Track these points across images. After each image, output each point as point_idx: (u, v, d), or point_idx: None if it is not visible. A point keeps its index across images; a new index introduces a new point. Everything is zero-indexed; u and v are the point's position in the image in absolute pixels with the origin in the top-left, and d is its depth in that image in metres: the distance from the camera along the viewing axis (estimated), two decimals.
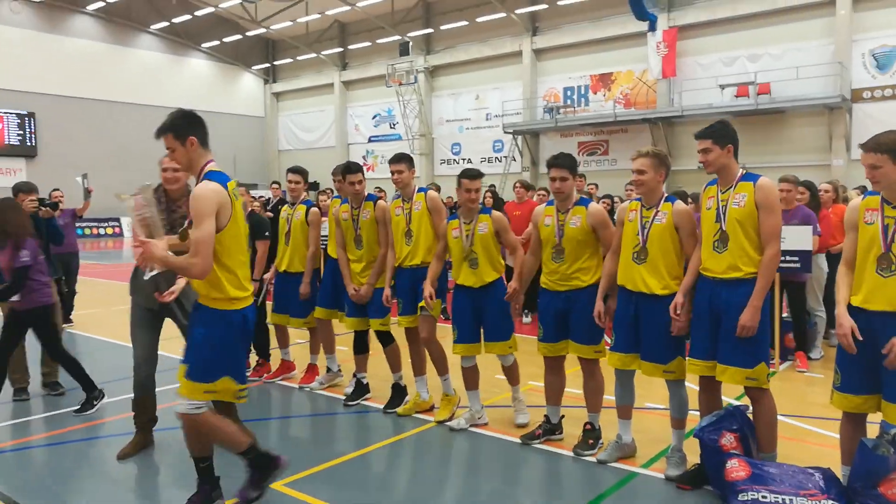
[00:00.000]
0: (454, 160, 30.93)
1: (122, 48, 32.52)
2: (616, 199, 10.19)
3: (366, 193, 5.43)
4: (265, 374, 6.35)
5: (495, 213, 4.93)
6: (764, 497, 3.34)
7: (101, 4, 30.77)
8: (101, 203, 30.39)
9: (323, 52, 34.00)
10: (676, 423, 4.12)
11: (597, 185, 11.58)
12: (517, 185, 9.15)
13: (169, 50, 34.17)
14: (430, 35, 30.93)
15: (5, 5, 28.61)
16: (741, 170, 3.84)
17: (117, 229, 31.24)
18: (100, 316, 10.02)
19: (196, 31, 34.01)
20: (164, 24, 32.81)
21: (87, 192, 8.69)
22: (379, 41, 31.87)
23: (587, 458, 4.34)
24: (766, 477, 3.44)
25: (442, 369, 5.15)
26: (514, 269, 4.84)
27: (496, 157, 29.34)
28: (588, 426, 4.50)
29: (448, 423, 5.01)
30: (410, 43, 29.90)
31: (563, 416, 4.75)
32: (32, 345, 5.52)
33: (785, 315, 6.80)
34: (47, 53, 29.56)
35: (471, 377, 5.02)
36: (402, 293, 5.17)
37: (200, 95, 34.78)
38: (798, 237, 6.24)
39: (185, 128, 3.36)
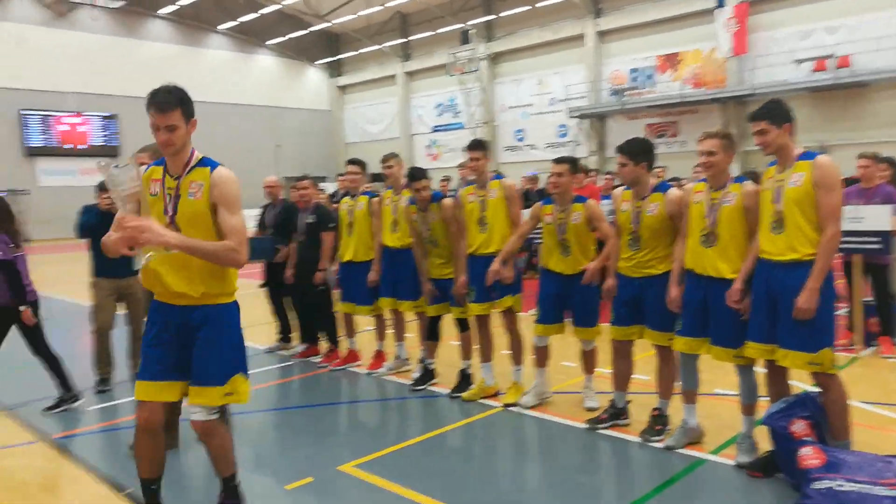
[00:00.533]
0: (518, 147, 30.74)
1: (194, 49, 33.68)
2: (684, 182, 9.91)
3: (430, 195, 5.48)
4: (335, 361, 6.51)
5: (590, 201, 4.94)
6: (840, 486, 3.24)
7: (174, 8, 31.93)
8: None
9: (385, 44, 34.30)
10: (746, 408, 4.02)
11: (665, 168, 11.31)
12: None
13: (237, 48, 35.17)
14: (491, 22, 30.74)
15: (85, 13, 30.04)
16: (801, 148, 3.70)
17: None
18: None
19: (262, 29, 34.85)
20: (232, 23, 33.78)
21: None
22: (440, 31, 31.91)
23: (654, 444, 4.30)
24: (842, 465, 3.33)
25: (518, 358, 5.24)
26: (604, 257, 4.77)
27: (561, 143, 28.99)
28: (656, 412, 4.45)
29: (519, 401, 5.09)
30: (471, 31, 29.83)
31: (628, 402, 4.72)
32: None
33: (869, 299, 6.50)
34: (126, 57, 30.90)
35: (542, 356, 5.13)
36: (475, 281, 5.18)
37: (268, 91, 35.74)
38: (878, 217, 5.95)
39: (192, 108, 3.06)
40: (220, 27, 34.17)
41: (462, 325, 5.50)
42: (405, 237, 5.80)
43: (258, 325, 7.85)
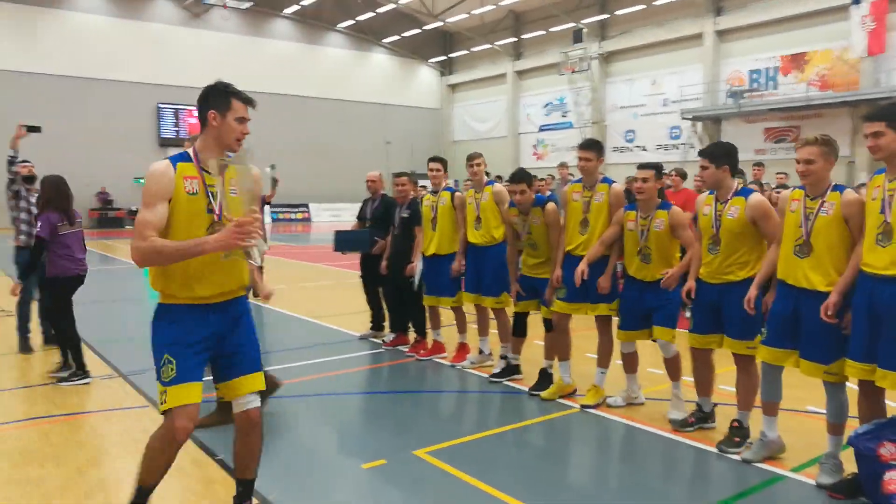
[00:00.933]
0: (627, 148, 30.06)
1: (314, 47, 35.21)
2: (766, 188, 9.39)
3: (532, 198, 5.53)
4: (421, 351, 6.71)
5: (674, 209, 4.85)
6: None
7: (297, 7, 33.51)
8: (293, 190, 33.62)
9: (497, 43, 34.45)
10: (833, 427, 3.85)
11: (787, 174, 10.60)
12: (672, 172, 8.81)
13: (354, 46, 36.42)
14: (606, 21, 30.21)
15: (216, 14, 32.10)
16: None
17: (306, 214, 33.97)
18: (282, 292, 11.07)
19: (378, 28, 35.91)
20: (350, 21, 35.02)
21: (275, 182, 9.56)
22: (553, 29, 31.70)
23: (731, 456, 4.19)
24: None
25: (603, 362, 5.25)
26: (684, 264, 4.72)
27: (673, 145, 28.10)
28: (736, 423, 4.33)
29: (605, 401, 5.14)
30: (584, 30, 29.45)
31: (716, 405, 4.66)
32: None
33: None
34: (251, 55, 32.80)
35: (630, 362, 5.16)
36: (567, 280, 5.18)
37: (381, 89, 36.81)
38: None
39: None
40: (339, 26, 35.50)
41: (548, 325, 5.54)
42: (488, 234, 5.93)
43: (354, 313, 8.19)
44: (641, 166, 4.93)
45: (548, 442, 4.74)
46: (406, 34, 36.14)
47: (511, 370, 5.88)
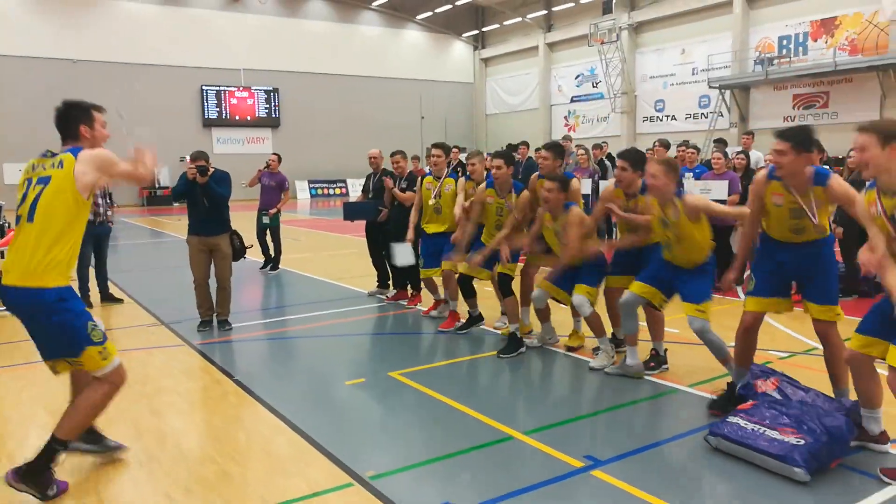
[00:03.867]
0: (657, 117, 30.30)
1: (349, 25, 36.15)
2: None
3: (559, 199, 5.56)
4: (423, 309, 7.69)
5: (686, 196, 4.65)
6: (744, 423, 3.75)
7: None
8: (331, 166, 34.81)
9: (528, 16, 34.80)
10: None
11: (725, 142, 10.68)
12: (656, 143, 9.37)
13: (388, 24, 37.23)
14: None
15: None
16: None
17: (343, 189, 35.24)
18: (308, 259, 12.21)
19: (411, 4, 36.58)
20: None
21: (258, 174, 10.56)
22: (583, 1, 31.91)
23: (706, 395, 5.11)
24: (756, 411, 3.81)
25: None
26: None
27: (702, 114, 28.26)
28: (653, 351, 5.26)
29: (525, 340, 6.05)
30: (614, 0, 29.61)
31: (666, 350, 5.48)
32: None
33: None
34: (288, 36, 34.00)
35: (543, 313, 5.96)
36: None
37: (415, 65, 37.60)
38: None
39: None
40: (372, 4, 36.31)
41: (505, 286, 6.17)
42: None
43: (366, 275, 9.25)
44: (620, 155, 5.28)
45: (493, 369, 5.64)
46: (439, 10, 36.70)
47: (475, 320, 6.73)
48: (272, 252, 10.62)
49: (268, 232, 10.49)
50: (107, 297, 8.34)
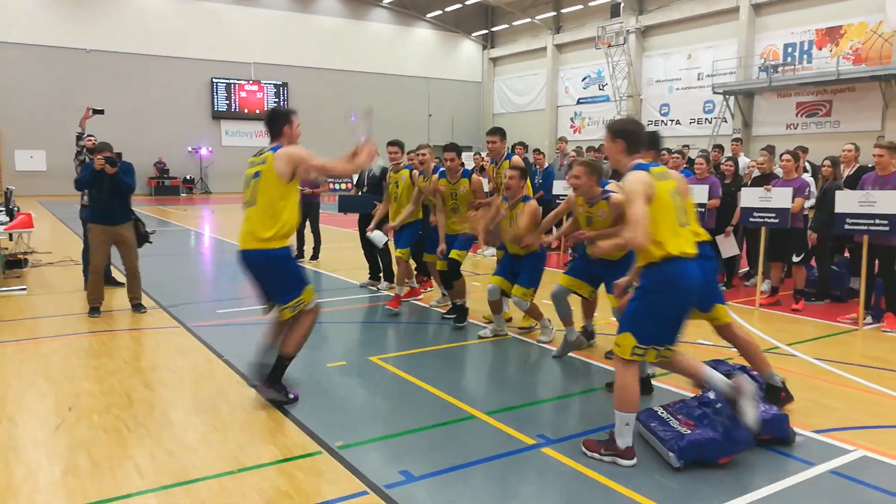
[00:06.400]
0: (662, 121, 30.49)
1: (359, 22, 36.49)
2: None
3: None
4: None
5: (613, 197, 5.05)
6: (660, 411, 4.09)
7: None
8: None
9: (537, 17, 35.05)
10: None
11: (805, 150, 10.41)
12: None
13: (397, 21, 37.55)
14: None
15: None
16: None
17: (349, 184, 35.60)
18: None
19: (421, 2, 36.89)
20: None
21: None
22: (591, 3, 32.14)
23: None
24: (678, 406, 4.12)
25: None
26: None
27: (706, 119, 28.47)
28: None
29: (480, 332, 6.48)
30: (622, 3, 29.83)
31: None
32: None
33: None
34: (298, 31, 34.40)
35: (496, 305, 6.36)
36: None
37: (424, 63, 37.93)
38: (890, 202, 6.41)
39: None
40: (383, 1, 36.63)
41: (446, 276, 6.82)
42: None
43: (359, 268, 9.59)
44: (580, 163, 5.49)
45: (472, 356, 6.00)
46: (449, 9, 36.98)
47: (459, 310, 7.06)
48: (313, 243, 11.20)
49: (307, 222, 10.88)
50: (108, 281, 8.69)
